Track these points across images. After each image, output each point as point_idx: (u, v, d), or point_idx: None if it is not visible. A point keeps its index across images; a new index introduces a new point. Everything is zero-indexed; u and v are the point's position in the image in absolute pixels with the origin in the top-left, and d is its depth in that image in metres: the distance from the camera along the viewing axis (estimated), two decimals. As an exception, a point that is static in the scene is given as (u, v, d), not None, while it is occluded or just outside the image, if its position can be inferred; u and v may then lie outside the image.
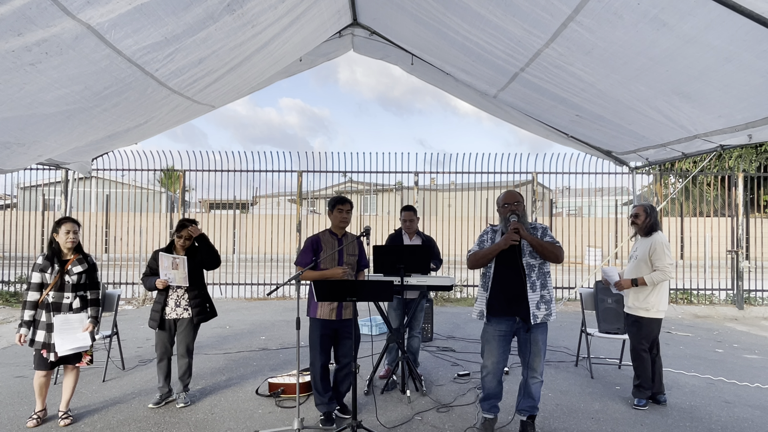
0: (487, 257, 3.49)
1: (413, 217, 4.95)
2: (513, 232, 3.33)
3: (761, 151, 18.90)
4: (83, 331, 3.72)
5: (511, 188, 4.28)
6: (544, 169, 11.70)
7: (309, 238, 3.85)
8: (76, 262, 3.75)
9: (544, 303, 3.45)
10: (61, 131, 3.42)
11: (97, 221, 14.23)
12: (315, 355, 3.77)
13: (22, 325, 3.64)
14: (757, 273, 10.63)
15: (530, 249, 3.47)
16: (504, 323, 3.50)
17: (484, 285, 3.59)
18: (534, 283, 3.43)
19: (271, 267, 11.39)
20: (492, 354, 3.52)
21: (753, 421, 3.96)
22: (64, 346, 3.63)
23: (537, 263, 3.48)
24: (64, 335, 3.64)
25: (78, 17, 2.20)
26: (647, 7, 2.42)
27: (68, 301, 3.70)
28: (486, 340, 3.57)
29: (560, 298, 9.76)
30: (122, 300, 9.00)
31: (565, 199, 27.61)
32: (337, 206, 3.83)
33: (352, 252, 3.90)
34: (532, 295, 3.41)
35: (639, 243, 4.40)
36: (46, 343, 3.64)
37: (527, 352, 3.49)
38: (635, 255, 4.37)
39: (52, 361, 3.66)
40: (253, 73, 4.43)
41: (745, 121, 3.33)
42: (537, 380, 3.51)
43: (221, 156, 9.93)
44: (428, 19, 3.96)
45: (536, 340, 3.46)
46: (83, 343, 3.71)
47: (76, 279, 3.72)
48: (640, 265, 4.25)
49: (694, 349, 6.25)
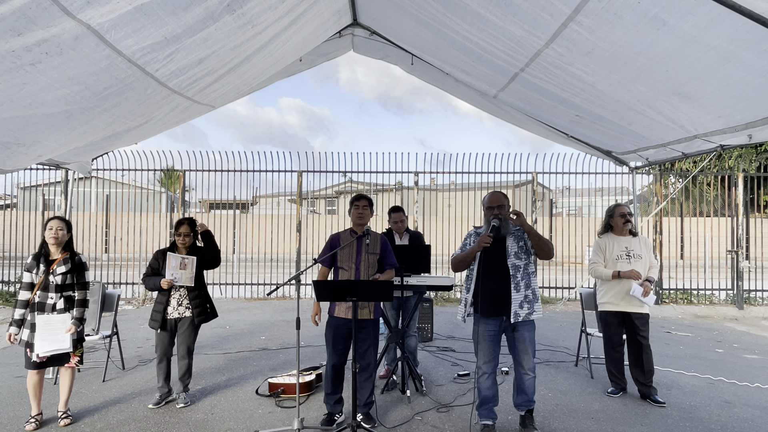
0: (465, 260, 3.60)
1: (403, 217, 5.05)
2: (487, 236, 3.43)
3: (761, 151, 18.90)
4: (65, 332, 3.64)
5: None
6: (544, 169, 11.70)
7: (330, 236, 3.94)
8: (62, 262, 3.70)
9: (527, 302, 3.54)
10: (61, 131, 3.42)
11: (97, 221, 14.23)
12: (329, 353, 3.77)
13: (11, 324, 3.63)
14: (757, 273, 10.64)
15: (515, 250, 3.58)
16: (492, 323, 3.58)
17: (467, 287, 3.68)
18: (518, 283, 3.53)
19: (271, 267, 11.39)
20: (484, 354, 3.61)
21: (753, 421, 3.96)
22: (42, 347, 3.58)
23: (522, 264, 3.57)
24: (45, 336, 3.60)
25: (78, 17, 2.19)
26: (647, 7, 2.42)
27: (52, 302, 3.66)
28: (476, 340, 3.66)
29: (560, 298, 9.76)
30: (122, 300, 9.00)
31: (565, 199, 27.61)
32: (354, 203, 3.88)
33: (373, 250, 3.85)
34: (516, 295, 3.51)
35: (629, 242, 4.44)
36: (29, 343, 3.62)
37: (516, 351, 3.60)
38: (634, 254, 4.39)
39: (37, 362, 3.63)
40: (253, 73, 4.43)
41: (745, 121, 3.33)
42: (529, 376, 3.59)
43: (221, 156, 9.94)
44: (428, 19, 3.96)
45: (523, 338, 3.55)
46: (62, 345, 3.62)
47: (61, 279, 3.67)
48: (644, 264, 4.37)
49: (694, 349, 6.25)
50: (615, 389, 4.50)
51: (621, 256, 4.41)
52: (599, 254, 4.49)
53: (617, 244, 4.46)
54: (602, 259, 4.47)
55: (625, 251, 4.42)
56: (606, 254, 4.46)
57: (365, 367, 3.71)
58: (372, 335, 3.73)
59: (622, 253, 4.42)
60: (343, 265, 3.78)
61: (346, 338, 3.72)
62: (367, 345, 3.68)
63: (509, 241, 3.60)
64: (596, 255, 4.50)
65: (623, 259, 4.39)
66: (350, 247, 3.79)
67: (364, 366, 3.70)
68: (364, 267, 3.78)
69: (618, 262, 4.39)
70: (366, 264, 3.78)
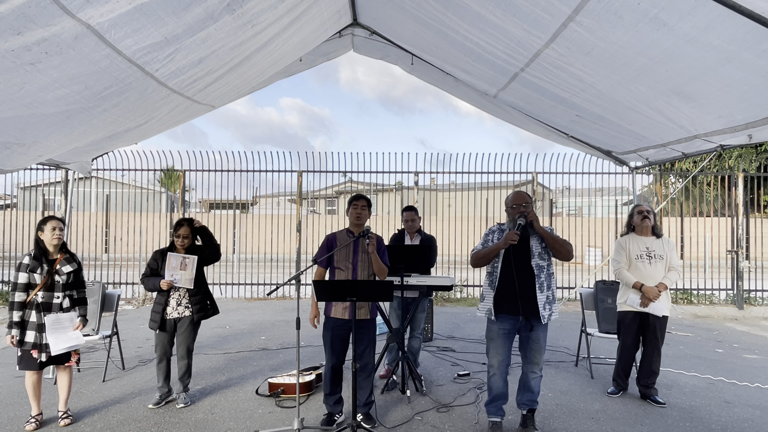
0: (488, 256, 3.55)
1: (414, 217, 4.97)
2: (514, 234, 3.39)
3: (761, 151, 18.90)
4: (74, 329, 3.73)
5: (513, 188, 4.31)
6: (545, 169, 11.70)
7: (326, 236, 3.92)
8: (65, 262, 3.74)
9: (549, 303, 3.52)
10: (61, 131, 3.42)
11: (97, 221, 14.23)
12: (327, 354, 3.77)
13: (12, 327, 3.61)
14: (757, 273, 10.63)
15: (539, 251, 3.54)
16: (508, 321, 3.55)
17: (491, 284, 3.62)
18: (542, 283, 3.50)
19: (271, 267, 11.39)
20: (498, 352, 3.58)
21: (753, 421, 3.96)
22: (58, 345, 3.63)
23: (545, 264, 3.55)
24: (57, 335, 3.64)
25: (77, 16, 2.19)
26: (647, 7, 2.42)
27: (58, 301, 3.69)
28: (491, 338, 3.63)
29: (560, 298, 9.75)
30: (122, 300, 9.00)
31: (565, 199, 27.60)
32: (352, 203, 3.86)
33: (369, 250, 3.82)
34: (540, 296, 3.48)
35: (650, 243, 4.39)
36: (36, 344, 3.63)
37: (529, 349, 3.58)
38: (655, 254, 4.34)
39: (42, 361, 3.66)
40: (253, 73, 4.42)
41: (745, 121, 3.33)
42: (537, 375, 3.60)
43: (221, 156, 9.94)
44: (428, 19, 3.96)
45: (538, 337, 3.54)
46: (76, 342, 3.74)
47: (66, 278, 3.71)
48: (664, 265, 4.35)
49: (694, 349, 6.25)
50: (615, 389, 4.49)
51: (641, 256, 4.36)
52: (621, 253, 4.44)
53: (638, 244, 4.41)
54: (624, 258, 4.41)
55: (645, 251, 4.36)
56: (627, 253, 4.42)
57: (364, 367, 3.71)
58: (369, 335, 3.72)
59: (642, 253, 4.36)
60: (340, 266, 3.77)
61: (343, 339, 3.72)
62: (365, 345, 3.68)
63: (533, 241, 3.56)
64: (618, 254, 4.46)
65: (643, 259, 4.34)
66: (347, 247, 3.79)
67: (362, 366, 3.70)
68: (361, 267, 3.77)
69: (637, 262, 4.35)
70: (363, 264, 3.77)
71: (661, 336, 4.32)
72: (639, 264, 4.34)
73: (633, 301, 4.30)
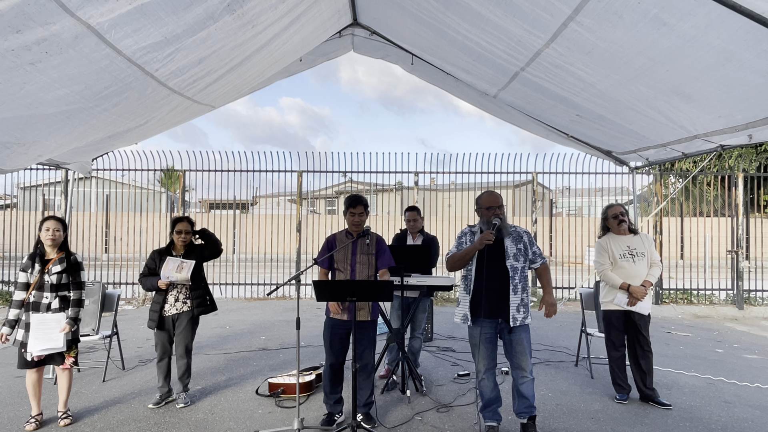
0: (464, 258, 3.52)
1: (416, 217, 4.98)
2: (490, 233, 3.36)
3: (761, 151, 18.90)
4: (59, 332, 3.64)
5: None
6: (545, 169, 11.70)
7: (327, 238, 3.92)
8: (57, 262, 3.71)
9: (523, 306, 3.49)
10: (61, 131, 3.42)
11: (97, 221, 14.23)
12: (326, 353, 3.78)
13: (5, 324, 3.63)
14: (757, 273, 10.64)
15: (513, 252, 3.51)
16: (488, 325, 3.52)
17: (466, 287, 3.59)
18: (516, 286, 3.48)
19: (271, 267, 11.39)
20: (483, 357, 3.54)
21: (753, 421, 3.96)
22: (36, 346, 3.58)
23: (520, 266, 3.52)
24: (39, 335, 3.59)
25: (77, 15, 2.19)
26: (647, 7, 2.42)
27: (47, 301, 3.66)
28: (474, 343, 3.58)
29: (560, 298, 9.75)
30: (122, 300, 9.00)
31: (565, 199, 27.60)
32: (349, 209, 3.78)
33: (369, 251, 3.82)
34: (514, 298, 3.46)
35: (630, 241, 4.41)
36: (23, 342, 3.62)
37: (513, 353, 3.52)
38: (637, 252, 4.37)
39: (34, 360, 3.63)
40: (253, 73, 4.42)
41: (745, 121, 3.33)
42: (527, 379, 3.50)
43: (221, 156, 9.95)
44: (428, 19, 3.96)
45: (520, 339, 3.48)
46: (55, 345, 3.62)
47: (56, 279, 3.67)
48: (647, 262, 4.37)
49: (694, 349, 6.25)
50: (623, 395, 4.36)
51: (624, 255, 4.37)
52: (603, 255, 4.42)
53: (619, 244, 4.41)
54: (607, 259, 4.41)
55: (627, 250, 4.37)
56: (609, 254, 4.42)
57: (364, 367, 3.70)
58: (368, 336, 3.71)
59: (624, 252, 4.37)
60: (339, 267, 3.78)
61: (342, 339, 3.72)
62: (364, 345, 3.67)
63: (508, 242, 3.54)
64: (601, 256, 4.44)
65: (627, 258, 4.35)
66: (346, 248, 3.79)
67: (362, 366, 3.69)
68: (360, 268, 3.76)
69: (622, 261, 4.35)
70: (361, 265, 3.77)
71: (645, 332, 4.33)
72: (624, 263, 4.35)
73: (620, 301, 4.30)
